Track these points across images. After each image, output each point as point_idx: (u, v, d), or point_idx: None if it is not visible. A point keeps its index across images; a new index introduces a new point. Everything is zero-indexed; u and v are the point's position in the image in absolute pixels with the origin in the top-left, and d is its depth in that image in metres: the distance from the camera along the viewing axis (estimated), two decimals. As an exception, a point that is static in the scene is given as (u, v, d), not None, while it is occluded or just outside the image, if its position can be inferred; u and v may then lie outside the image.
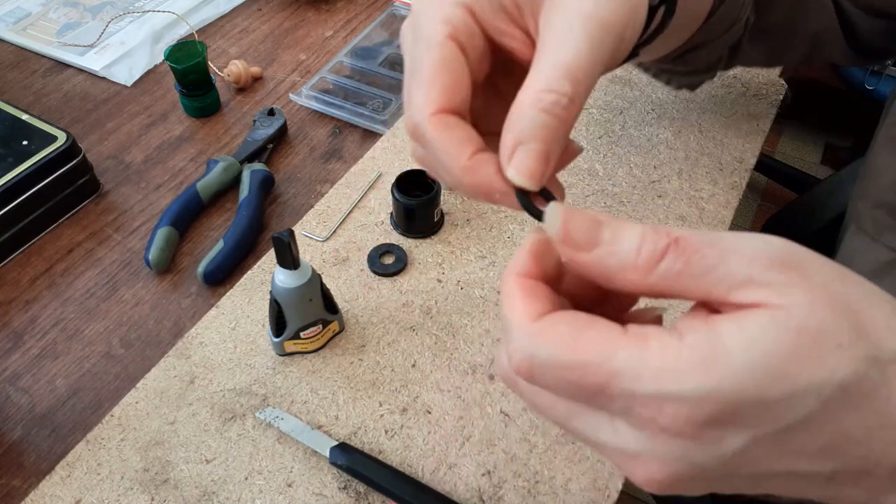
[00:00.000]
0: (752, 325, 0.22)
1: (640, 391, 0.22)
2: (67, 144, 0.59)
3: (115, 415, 0.47)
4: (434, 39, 0.28)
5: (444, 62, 0.28)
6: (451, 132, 0.27)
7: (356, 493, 0.43)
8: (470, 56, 0.29)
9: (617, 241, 0.23)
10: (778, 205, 1.82)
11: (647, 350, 0.22)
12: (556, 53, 0.27)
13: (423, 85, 0.28)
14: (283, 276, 0.44)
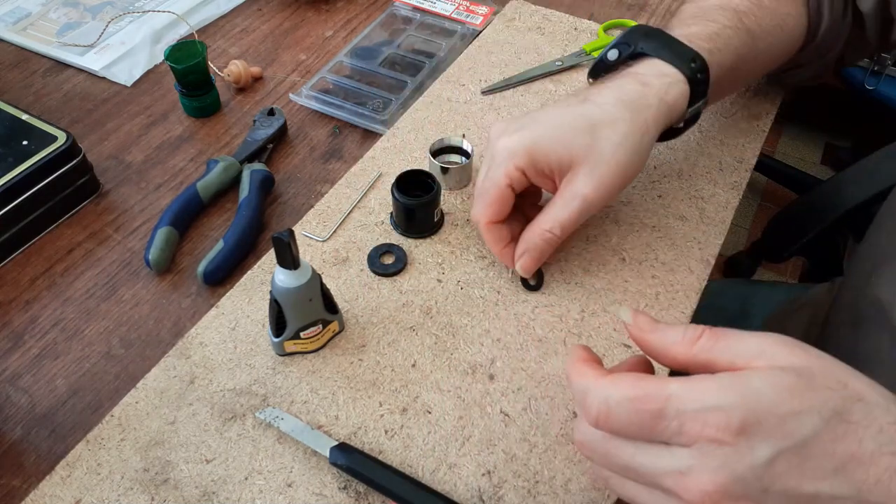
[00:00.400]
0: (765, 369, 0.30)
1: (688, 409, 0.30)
2: (67, 144, 0.59)
3: (115, 415, 0.47)
4: (499, 182, 0.49)
5: (500, 197, 0.49)
6: (494, 233, 0.51)
7: (356, 493, 0.43)
8: (516, 191, 0.50)
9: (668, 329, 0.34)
10: (778, 205, 1.82)
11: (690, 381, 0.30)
12: (558, 210, 0.49)
13: (486, 204, 0.50)
14: (283, 276, 0.44)
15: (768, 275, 1.69)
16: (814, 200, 1.20)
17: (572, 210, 0.48)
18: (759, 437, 0.29)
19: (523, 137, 0.49)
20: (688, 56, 0.51)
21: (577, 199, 0.48)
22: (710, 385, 0.30)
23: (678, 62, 0.51)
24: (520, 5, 0.80)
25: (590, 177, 0.48)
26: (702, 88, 0.52)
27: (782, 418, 0.29)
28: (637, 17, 0.80)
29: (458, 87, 0.70)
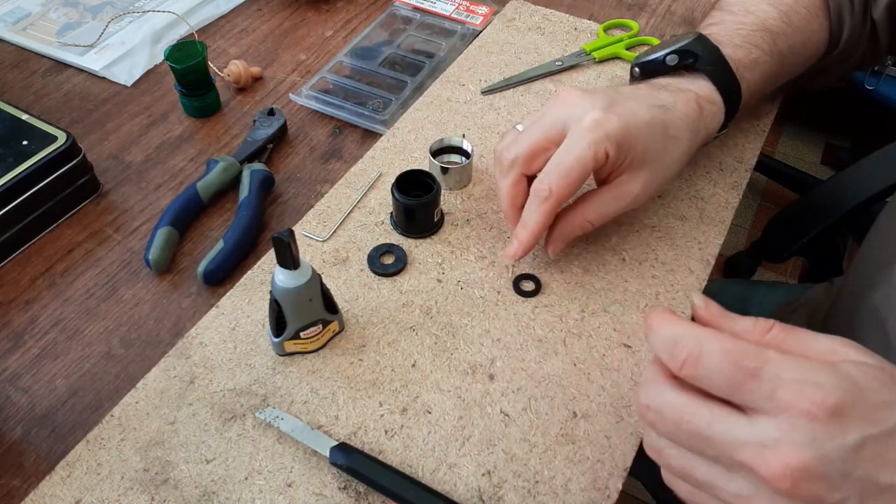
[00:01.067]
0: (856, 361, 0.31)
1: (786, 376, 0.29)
2: (67, 144, 0.59)
3: (115, 415, 0.47)
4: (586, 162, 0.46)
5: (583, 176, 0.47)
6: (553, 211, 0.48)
7: (356, 493, 0.43)
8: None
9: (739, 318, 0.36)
10: (778, 205, 1.82)
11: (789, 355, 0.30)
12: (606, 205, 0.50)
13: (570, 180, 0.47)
14: (283, 276, 0.44)
15: (768, 275, 1.69)
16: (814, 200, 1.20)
17: (619, 207, 0.49)
18: (852, 421, 0.29)
19: (618, 121, 0.46)
20: (734, 88, 0.54)
21: (628, 197, 0.48)
22: (810, 363, 0.30)
23: (724, 92, 0.53)
24: (520, 5, 0.80)
25: (648, 182, 0.49)
26: (730, 116, 0.54)
27: (875, 406, 0.29)
28: (637, 17, 0.80)
29: (458, 87, 0.70)
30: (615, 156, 0.47)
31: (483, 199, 0.60)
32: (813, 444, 0.29)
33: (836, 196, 0.97)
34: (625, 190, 0.49)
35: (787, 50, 0.58)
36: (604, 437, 0.45)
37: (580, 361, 0.49)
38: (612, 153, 0.46)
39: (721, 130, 0.56)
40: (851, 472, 0.29)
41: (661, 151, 0.49)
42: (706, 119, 0.52)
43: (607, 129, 0.46)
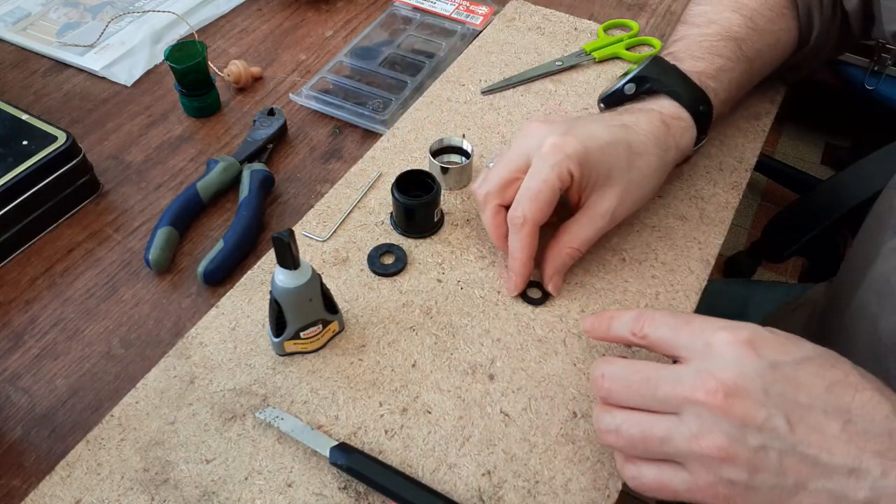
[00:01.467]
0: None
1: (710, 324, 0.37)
2: (67, 144, 0.59)
3: (115, 415, 0.47)
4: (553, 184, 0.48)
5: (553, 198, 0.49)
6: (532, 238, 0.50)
7: (356, 493, 0.43)
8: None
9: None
10: (778, 205, 1.82)
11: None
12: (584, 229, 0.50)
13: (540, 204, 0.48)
14: (283, 276, 0.44)
15: (768, 275, 1.69)
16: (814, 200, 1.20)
17: (598, 228, 0.50)
18: (763, 349, 0.35)
19: (576, 142, 0.48)
20: (699, 100, 0.54)
21: (604, 216, 0.50)
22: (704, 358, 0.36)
23: (690, 105, 0.54)
24: (520, 5, 0.80)
25: (621, 198, 0.50)
26: (704, 128, 0.55)
27: (782, 342, 0.36)
28: (637, 16, 0.80)
29: (458, 87, 0.70)
30: (579, 175, 0.48)
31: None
32: (734, 365, 0.35)
33: (836, 196, 0.97)
34: (598, 210, 0.50)
35: (755, 54, 0.59)
36: (604, 437, 0.45)
37: (580, 361, 0.49)
38: (576, 172, 0.48)
39: (699, 143, 0.56)
40: (769, 387, 0.34)
41: (626, 167, 0.50)
42: (675, 135, 0.53)
43: (566, 150, 0.48)
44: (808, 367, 0.35)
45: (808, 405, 0.33)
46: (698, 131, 0.55)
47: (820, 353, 0.36)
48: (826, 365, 0.35)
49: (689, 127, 0.54)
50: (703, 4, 0.62)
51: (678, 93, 0.54)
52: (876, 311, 0.52)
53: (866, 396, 0.34)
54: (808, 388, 0.34)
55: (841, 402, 0.33)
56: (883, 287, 0.52)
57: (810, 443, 0.33)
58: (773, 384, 0.34)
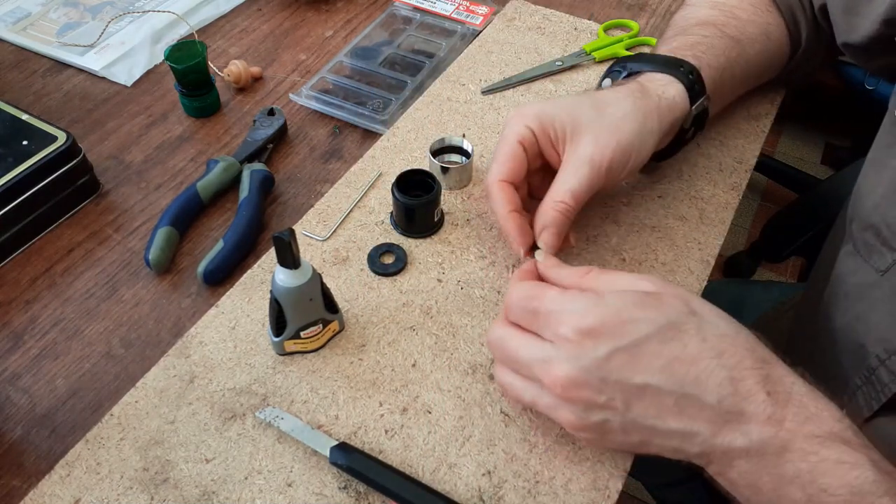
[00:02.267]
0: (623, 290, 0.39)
1: (554, 309, 0.39)
2: (67, 144, 0.59)
3: (115, 414, 0.47)
4: (510, 140, 0.50)
5: (512, 153, 0.50)
6: (503, 193, 0.49)
7: (356, 493, 0.43)
8: (527, 154, 0.50)
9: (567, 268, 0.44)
10: (778, 205, 1.82)
11: (566, 291, 0.40)
12: (567, 179, 0.49)
13: (499, 162, 0.50)
14: (284, 275, 0.44)
15: (768, 275, 1.69)
16: (813, 200, 1.20)
17: (581, 176, 0.49)
18: (602, 337, 0.37)
19: (533, 106, 0.51)
20: (674, 63, 0.55)
21: (584, 164, 0.49)
22: (577, 295, 0.39)
23: (667, 70, 0.54)
24: (520, 5, 0.80)
25: (595, 142, 0.49)
26: (698, 87, 0.54)
27: (622, 323, 0.37)
28: (637, 16, 0.80)
29: (458, 87, 0.70)
30: (539, 128, 0.50)
31: (483, 199, 0.60)
32: (573, 360, 0.38)
33: (836, 196, 0.97)
34: (576, 158, 0.49)
35: (742, 36, 0.60)
36: (604, 436, 0.45)
37: (580, 361, 0.49)
38: (534, 125, 0.50)
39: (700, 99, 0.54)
40: (607, 377, 0.37)
41: (595, 115, 0.50)
42: (656, 91, 0.53)
43: (523, 112, 0.51)
44: (645, 347, 0.37)
45: (644, 385, 0.37)
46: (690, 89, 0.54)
47: (658, 328, 0.37)
48: (664, 340, 0.37)
49: (670, 82, 0.53)
50: (685, 9, 0.64)
51: (650, 66, 0.55)
52: (832, 312, 0.54)
53: (700, 367, 0.37)
54: (645, 368, 0.37)
55: (675, 378, 0.37)
56: (839, 288, 0.53)
57: (647, 416, 0.37)
58: (610, 372, 0.37)
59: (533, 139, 0.50)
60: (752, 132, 0.66)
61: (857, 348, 0.50)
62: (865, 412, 0.48)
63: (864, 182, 0.52)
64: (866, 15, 0.54)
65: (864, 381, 0.48)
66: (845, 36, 0.58)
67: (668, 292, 0.39)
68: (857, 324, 0.50)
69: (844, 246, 0.54)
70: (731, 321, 0.39)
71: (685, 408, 0.37)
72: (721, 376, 0.36)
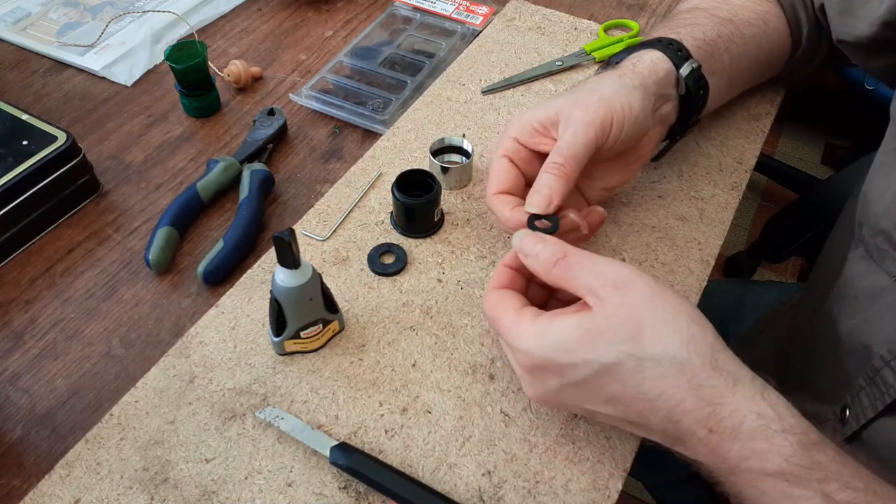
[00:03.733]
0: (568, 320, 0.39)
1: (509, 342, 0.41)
2: (67, 144, 0.59)
3: (115, 414, 0.47)
4: (496, 157, 0.51)
5: (499, 167, 0.50)
6: (500, 199, 0.49)
7: (356, 493, 0.43)
8: (517, 164, 0.51)
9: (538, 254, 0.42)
10: (778, 205, 1.82)
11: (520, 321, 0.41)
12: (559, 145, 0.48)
13: (489, 179, 0.51)
14: (284, 275, 0.44)
15: (768, 275, 1.69)
16: (813, 200, 1.20)
17: (571, 136, 0.47)
18: (547, 375, 0.40)
19: (515, 119, 0.51)
20: (652, 42, 0.55)
21: (572, 125, 0.48)
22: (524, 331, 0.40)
23: (644, 48, 0.54)
24: (520, 5, 0.80)
25: (576, 105, 0.48)
26: (682, 53, 0.54)
27: (561, 366, 0.39)
28: (637, 17, 0.80)
29: (459, 87, 0.70)
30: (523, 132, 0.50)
31: (483, 199, 0.60)
32: (530, 386, 0.42)
33: (836, 196, 0.97)
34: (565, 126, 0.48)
35: (736, 18, 0.60)
36: (604, 437, 0.45)
37: (580, 361, 0.49)
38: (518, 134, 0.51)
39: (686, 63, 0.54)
40: (564, 401, 0.41)
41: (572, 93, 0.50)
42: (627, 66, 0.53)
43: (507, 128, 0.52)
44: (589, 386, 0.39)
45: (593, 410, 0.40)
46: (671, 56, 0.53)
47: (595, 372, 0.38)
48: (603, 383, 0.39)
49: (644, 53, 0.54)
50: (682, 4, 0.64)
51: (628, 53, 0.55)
52: (837, 313, 0.54)
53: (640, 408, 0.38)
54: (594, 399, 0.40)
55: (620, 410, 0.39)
56: (847, 291, 0.53)
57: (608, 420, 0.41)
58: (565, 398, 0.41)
59: (518, 147, 0.51)
60: (752, 132, 0.66)
61: (861, 349, 0.50)
62: (870, 413, 0.48)
63: (872, 186, 0.51)
64: (862, 17, 0.54)
65: (867, 381, 0.48)
66: (840, 34, 0.58)
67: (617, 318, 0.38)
68: (865, 326, 0.50)
69: (855, 249, 0.53)
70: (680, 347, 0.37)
71: (637, 428, 0.40)
72: (660, 416, 0.38)
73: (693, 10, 0.61)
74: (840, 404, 0.51)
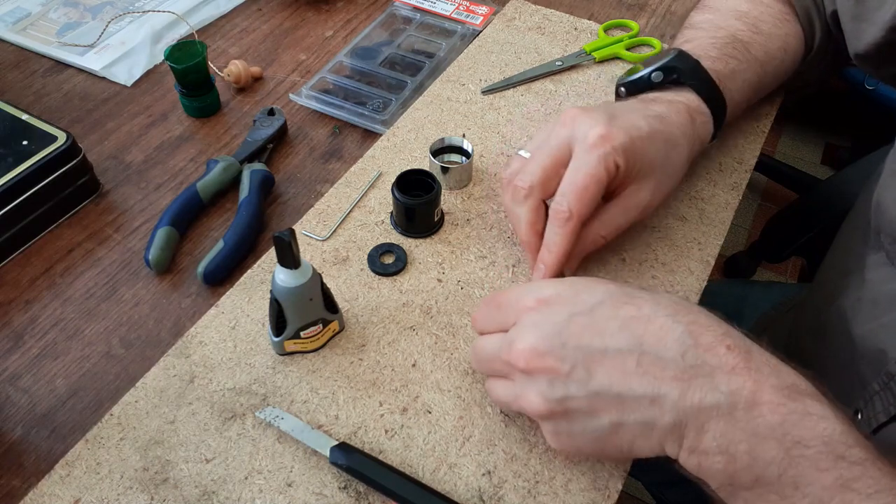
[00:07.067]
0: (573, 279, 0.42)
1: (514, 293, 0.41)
2: (67, 144, 0.59)
3: (115, 414, 0.47)
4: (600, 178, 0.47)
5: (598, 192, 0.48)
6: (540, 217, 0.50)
7: (356, 493, 0.43)
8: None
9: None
10: (778, 205, 1.82)
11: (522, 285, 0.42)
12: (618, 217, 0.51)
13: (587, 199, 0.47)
14: (284, 275, 0.44)
15: (768, 275, 1.69)
16: (813, 200, 1.20)
17: (630, 218, 0.50)
18: (557, 305, 0.39)
19: (622, 133, 0.47)
20: (718, 99, 0.55)
21: (638, 207, 0.50)
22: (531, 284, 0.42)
23: (710, 102, 0.55)
24: (520, 5, 0.80)
25: (655, 190, 0.50)
26: (719, 126, 0.56)
27: (575, 294, 0.39)
28: (637, 17, 0.80)
29: (459, 87, 0.70)
30: (625, 167, 0.47)
31: (483, 199, 0.60)
32: (534, 328, 0.39)
33: (836, 196, 0.97)
34: (634, 201, 0.50)
35: (764, 56, 0.59)
36: (604, 436, 0.45)
37: (580, 361, 0.49)
38: (622, 164, 0.47)
39: (711, 140, 0.57)
40: (567, 341, 0.37)
41: (664, 160, 0.50)
42: (698, 128, 0.54)
43: (614, 142, 0.47)
44: (601, 311, 0.38)
45: (604, 348, 0.37)
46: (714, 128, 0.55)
47: (611, 294, 0.39)
48: (619, 304, 0.38)
49: (708, 121, 0.55)
50: (707, 13, 0.62)
51: (701, 87, 0.54)
52: (852, 316, 0.53)
53: (657, 325, 0.36)
54: (602, 330, 0.37)
55: (633, 337, 0.36)
56: (864, 295, 0.53)
57: (610, 383, 0.36)
58: (570, 337, 0.37)
59: (615, 174, 0.48)
60: (752, 132, 0.66)
61: (877, 353, 0.49)
62: (882, 417, 0.48)
63: (886, 193, 0.51)
64: (874, 21, 0.54)
65: (882, 386, 0.48)
66: (855, 44, 0.57)
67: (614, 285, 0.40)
68: (881, 331, 0.50)
69: (874, 254, 0.53)
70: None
71: (648, 367, 0.36)
72: (679, 331, 0.36)
73: (735, 44, 0.58)
74: (852, 408, 0.51)
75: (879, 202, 0.51)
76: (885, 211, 0.51)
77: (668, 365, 0.35)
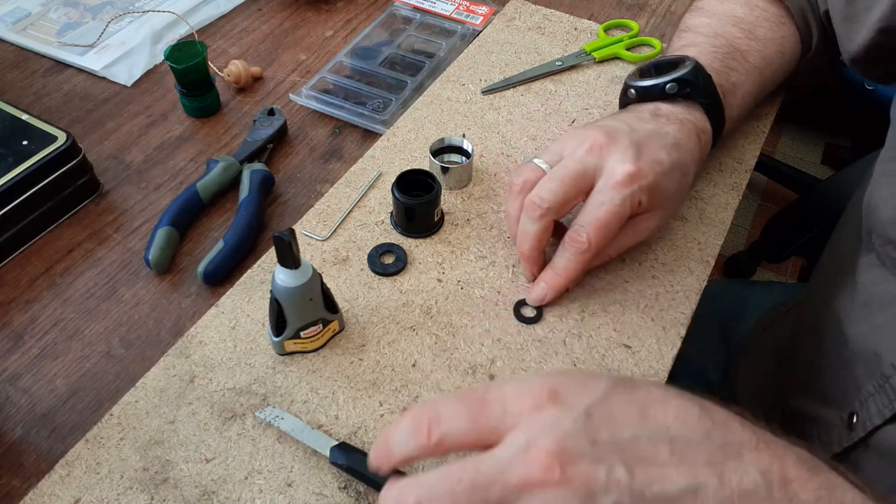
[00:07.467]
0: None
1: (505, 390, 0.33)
2: (67, 144, 0.59)
3: (115, 414, 0.47)
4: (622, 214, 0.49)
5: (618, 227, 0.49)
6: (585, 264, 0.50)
7: (356, 493, 0.43)
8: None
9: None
10: (778, 205, 1.82)
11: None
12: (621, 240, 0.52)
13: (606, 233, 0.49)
14: (284, 275, 0.44)
15: (768, 275, 1.69)
16: (813, 200, 1.20)
17: (637, 240, 0.53)
18: (569, 398, 0.32)
19: (650, 174, 0.48)
20: (720, 117, 0.56)
21: (647, 232, 0.52)
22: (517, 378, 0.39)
23: (714, 120, 0.56)
24: (520, 5, 0.80)
25: (664, 217, 0.53)
26: (715, 143, 0.58)
27: (582, 382, 0.33)
28: (637, 17, 0.80)
29: (459, 87, 0.70)
30: (647, 204, 0.49)
31: (483, 199, 0.60)
32: (552, 428, 0.31)
33: (836, 196, 0.97)
34: (644, 227, 0.52)
35: (762, 62, 0.60)
36: (604, 436, 0.45)
37: (580, 361, 0.49)
38: (645, 202, 0.49)
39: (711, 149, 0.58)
40: (595, 437, 0.31)
41: (677, 189, 0.52)
42: (703, 148, 0.55)
43: (641, 182, 0.48)
44: (616, 398, 0.33)
45: (634, 439, 0.31)
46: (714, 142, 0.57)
47: (614, 383, 0.33)
48: (627, 388, 0.33)
49: (709, 140, 0.56)
50: (704, 17, 0.62)
51: (710, 106, 0.55)
52: (846, 318, 0.53)
53: (674, 406, 0.33)
54: (625, 420, 0.32)
55: (657, 423, 0.32)
56: (857, 297, 0.53)
57: (652, 480, 0.31)
58: (597, 431, 0.31)
59: (637, 209, 0.49)
60: (752, 133, 0.66)
61: (871, 356, 0.49)
62: (877, 420, 0.48)
63: (876, 194, 0.51)
64: (864, 22, 0.54)
65: (876, 389, 0.48)
66: (847, 46, 0.57)
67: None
68: (874, 333, 0.50)
69: (866, 255, 0.53)
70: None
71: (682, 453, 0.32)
72: (696, 410, 0.33)
73: (735, 53, 0.58)
74: (848, 410, 0.51)
75: (870, 203, 0.52)
76: (875, 212, 0.51)
77: (699, 448, 0.32)
